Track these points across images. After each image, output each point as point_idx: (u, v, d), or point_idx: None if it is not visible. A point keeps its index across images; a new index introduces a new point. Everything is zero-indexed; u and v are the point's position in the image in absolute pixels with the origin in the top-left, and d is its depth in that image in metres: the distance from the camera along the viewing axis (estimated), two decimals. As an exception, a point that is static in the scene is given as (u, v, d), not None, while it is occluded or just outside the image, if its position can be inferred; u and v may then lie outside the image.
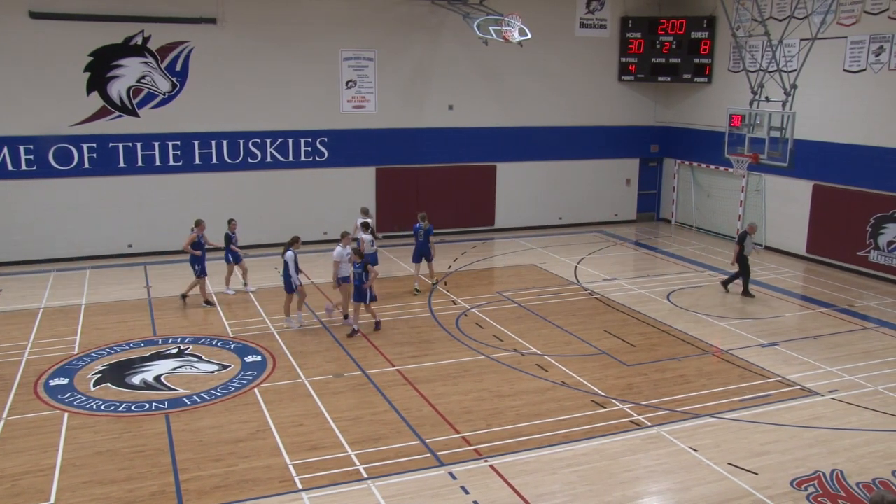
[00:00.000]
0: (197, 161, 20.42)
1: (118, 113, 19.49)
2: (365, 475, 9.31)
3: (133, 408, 11.15)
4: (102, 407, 11.16)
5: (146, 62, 19.46)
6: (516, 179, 23.96)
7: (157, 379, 12.21)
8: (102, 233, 19.92)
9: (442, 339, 14.19)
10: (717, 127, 22.02)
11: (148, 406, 11.22)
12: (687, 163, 24.83)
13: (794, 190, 20.90)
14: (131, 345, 13.75)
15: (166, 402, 11.33)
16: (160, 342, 13.90)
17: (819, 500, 8.90)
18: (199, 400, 11.44)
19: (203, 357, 13.17)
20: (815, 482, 9.26)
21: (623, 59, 24.38)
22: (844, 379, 12.47)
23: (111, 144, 19.56)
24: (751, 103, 16.54)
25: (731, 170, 21.08)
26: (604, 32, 24.07)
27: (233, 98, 20.42)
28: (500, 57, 22.65)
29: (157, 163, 20.07)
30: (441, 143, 22.85)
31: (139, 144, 19.80)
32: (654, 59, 23.96)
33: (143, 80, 19.53)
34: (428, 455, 9.81)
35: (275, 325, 14.77)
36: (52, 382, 12.01)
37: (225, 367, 12.72)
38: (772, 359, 13.30)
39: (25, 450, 9.88)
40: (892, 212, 18.31)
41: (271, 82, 20.72)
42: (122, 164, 19.75)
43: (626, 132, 25.15)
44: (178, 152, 20.19)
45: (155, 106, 19.78)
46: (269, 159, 21.13)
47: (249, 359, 13.08)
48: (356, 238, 15.86)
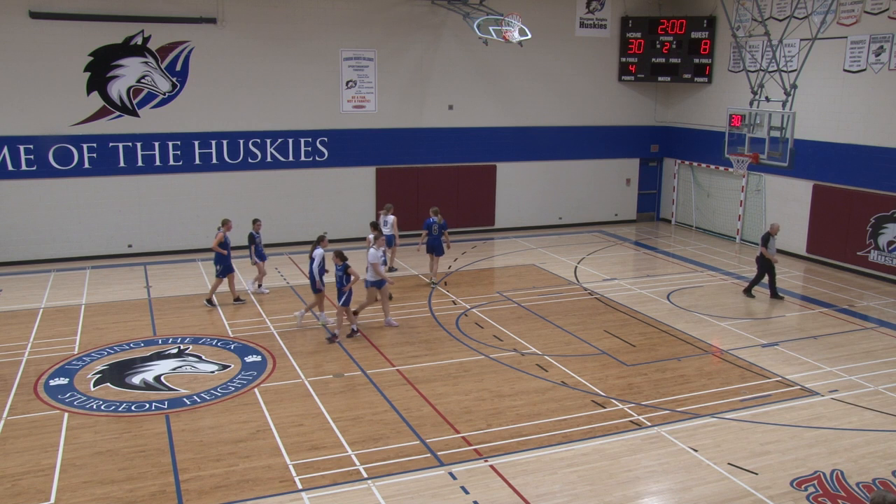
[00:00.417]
0: (197, 161, 20.43)
1: (118, 113, 19.49)
2: (365, 475, 9.32)
3: (133, 408, 11.15)
4: (102, 407, 11.16)
5: (146, 62, 19.46)
6: (516, 179, 23.97)
7: (158, 379, 12.21)
8: (102, 233, 19.92)
9: (442, 339, 14.19)
10: (717, 127, 22.05)
11: (148, 406, 11.22)
12: (687, 163, 24.84)
13: (794, 190, 20.91)
14: (131, 345, 13.75)
15: (166, 402, 11.33)
16: (160, 342, 13.90)
17: (819, 500, 8.90)
18: (199, 400, 11.44)
19: (203, 357, 13.17)
20: (815, 482, 9.26)
21: (623, 59, 24.39)
22: (844, 379, 12.48)
23: (111, 144, 19.56)
24: (751, 103, 16.53)
25: (731, 170, 21.11)
26: (604, 32, 24.08)
27: (233, 98, 20.43)
28: (500, 57, 22.66)
29: (157, 163, 20.07)
30: (441, 143, 22.85)
31: (139, 144, 19.81)
32: (654, 59, 23.97)
33: (143, 80, 19.54)
34: (428, 455, 9.81)
35: (275, 326, 14.77)
36: (52, 382, 12.01)
37: (225, 367, 12.73)
38: (772, 359, 13.30)
39: (25, 450, 9.88)
40: (892, 212, 18.31)
41: (271, 82, 20.72)
42: (122, 164, 19.75)
43: (626, 132, 25.15)
44: (178, 152, 20.19)
45: (155, 106, 19.79)
46: (269, 159, 21.13)
47: (249, 359, 13.09)
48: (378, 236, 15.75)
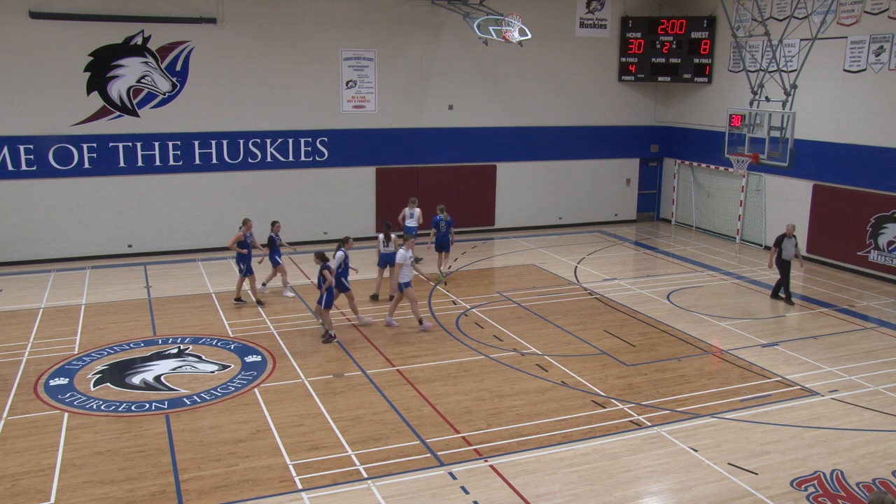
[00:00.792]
0: (197, 161, 20.43)
1: (118, 113, 19.49)
2: (365, 475, 9.32)
3: (133, 408, 11.15)
4: (102, 407, 11.16)
5: (146, 62, 19.47)
6: (516, 179, 23.97)
7: (158, 379, 12.21)
8: (102, 233, 19.92)
9: (442, 338, 14.19)
10: (717, 127, 22.06)
11: (148, 406, 11.22)
12: (687, 163, 24.84)
13: (794, 190, 20.91)
14: (131, 345, 13.75)
15: (166, 402, 11.33)
16: (160, 342, 13.90)
17: (819, 500, 8.90)
18: (199, 400, 11.44)
19: (203, 357, 13.17)
20: (815, 482, 9.26)
21: (623, 59, 24.39)
22: (844, 379, 12.48)
23: (111, 144, 19.56)
24: (751, 103, 16.53)
25: (731, 170, 21.11)
26: (604, 32, 24.08)
27: (233, 98, 20.43)
28: (500, 57, 22.67)
29: (157, 163, 20.08)
30: (441, 143, 22.85)
31: (139, 144, 19.81)
32: (654, 59, 23.97)
33: (143, 80, 19.54)
34: (428, 455, 9.81)
35: (275, 326, 14.77)
36: (52, 382, 12.01)
37: (225, 367, 12.73)
38: (772, 359, 13.30)
39: (25, 450, 9.88)
40: (892, 212, 18.31)
41: (271, 82, 20.73)
42: (122, 164, 19.75)
43: (626, 132, 25.16)
44: (178, 152, 20.19)
45: (155, 106, 19.79)
46: (269, 159, 21.13)
47: (249, 359, 13.09)
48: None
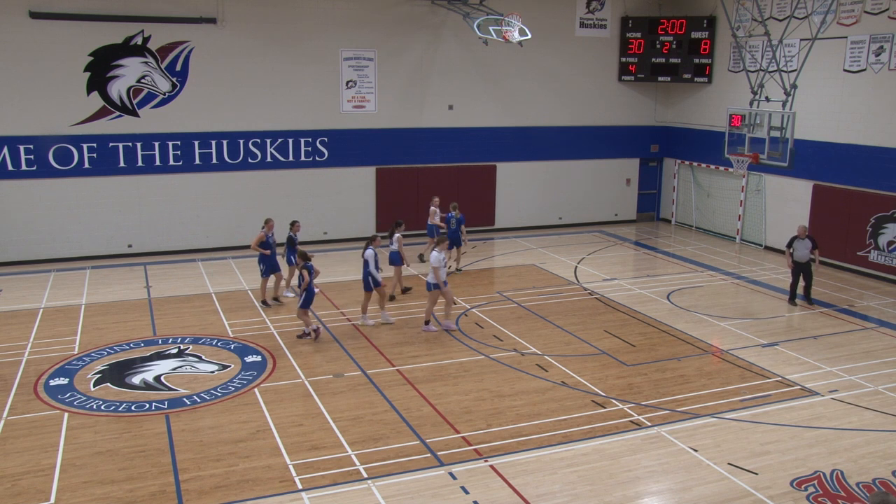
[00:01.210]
0: (197, 161, 20.43)
1: (118, 113, 19.49)
2: (365, 475, 9.32)
3: (133, 408, 11.15)
4: (102, 407, 11.16)
5: (146, 62, 19.46)
6: (516, 179, 23.97)
7: (158, 379, 12.21)
8: (102, 233, 19.92)
9: (442, 338, 14.19)
10: (717, 127, 22.05)
11: (148, 406, 11.22)
12: (687, 163, 24.84)
13: (794, 190, 20.91)
14: (131, 345, 13.75)
15: (166, 402, 11.33)
16: (160, 342, 13.90)
17: (819, 500, 8.90)
18: (199, 400, 11.44)
19: (203, 357, 13.17)
20: (815, 482, 9.26)
21: (623, 59, 24.39)
22: (844, 379, 12.48)
23: (111, 144, 19.56)
24: (751, 103, 16.53)
25: (731, 170, 21.11)
26: (604, 32, 24.08)
27: (233, 98, 20.43)
28: (500, 57, 22.66)
29: (157, 163, 20.07)
30: (441, 143, 22.84)
31: (139, 144, 19.81)
32: (654, 59, 23.97)
33: (143, 80, 19.54)
34: (428, 455, 9.81)
35: (275, 326, 14.77)
36: (52, 382, 12.01)
37: (225, 367, 12.72)
38: (772, 359, 13.30)
39: (25, 450, 9.88)
40: (892, 212, 18.31)
41: (271, 82, 20.73)
42: (122, 164, 19.75)
43: (626, 132, 25.16)
44: (178, 152, 20.19)
45: (155, 106, 19.79)
46: (269, 159, 21.13)
47: (249, 359, 13.09)
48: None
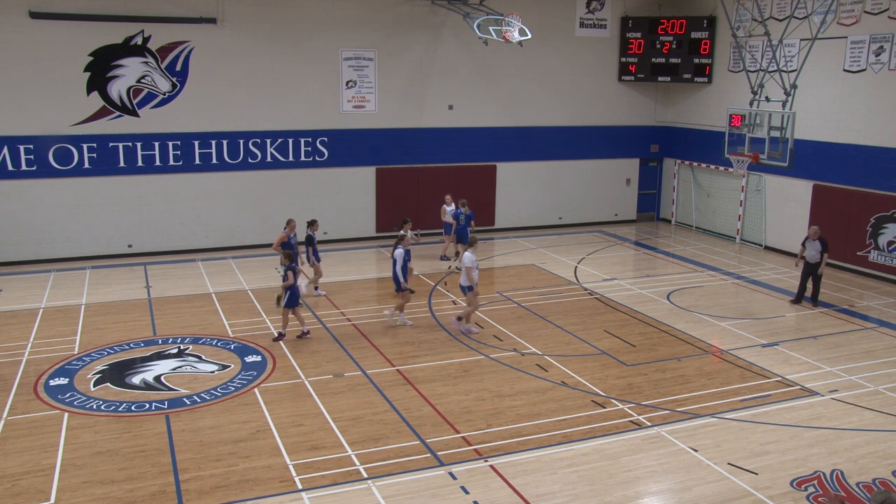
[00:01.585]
0: (197, 161, 20.43)
1: (118, 113, 19.49)
2: (365, 475, 9.32)
3: (133, 408, 11.15)
4: (102, 407, 11.16)
5: (146, 62, 19.46)
6: (516, 179, 23.97)
7: (157, 379, 12.21)
8: (102, 233, 19.92)
9: (442, 339, 14.19)
10: (717, 127, 22.06)
11: (148, 406, 11.22)
12: (687, 163, 24.84)
13: (794, 190, 20.91)
14: (131, 345, 13.75)
15: (166, 402, 11.33)
16: (160, 342, 13.90)
17: (819, 500, 8.90)
18: (199, 400, 11.44)
19: (203, 357, 13.17)
20: (815, 482, 9.26)
21: (623, 59, 24.39)
22: (844, 379, 12.48)
23: (111, 144, 19.56)
24: (751, 103, 16.53)
25: (731, 170, 21.11)
26: (604, 32, 24.08)
27: (233, 98, 20.43)
28: (500, 57, 22.66)
29: (157, 163, 20.07)
30: (441, 143, 22.84)
31: (139, 144, 19.81)
32: (654, 59, 23.97)
33: (143, 80, 19.54)
34: (428, 455, 9.82)
35: (275, 326, 14.76)
36: (52, 382, 12.01)
37: (225, 367, 12.72)
38: (772, 359, 13.30)
39: (25, 450, 9.88)
40: (892, 212, 18.31)
41: (271, 82, 20.72)
42: (122, 164, 19.75)
43: (626, 132, 25.16)
44: (178, 152, 20.19)
45: (155, 106, 19.79)
46: (269, 159, 21.13)
47: (249, 359, 13.09)
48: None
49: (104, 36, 18.97)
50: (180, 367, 12.73)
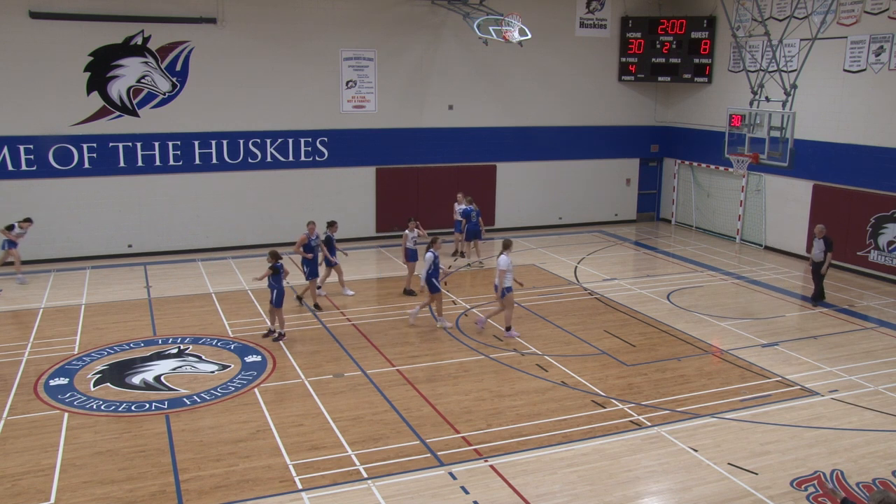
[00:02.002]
0: (197, 161, 20.43)
1: (118, 113, 19.49)
2: (365, 475, 9.32)
3: (133, 408, 11.15)
4: (102, 407, 11.16)
5: (146, 62, 19.46)
6: (516, 179, 23.97)
7: (157, 379, 12.21)
8: (102, 233, 19.92)
9: (442, 339, 14.19)
10: (717, 127, 22.05)
11: (148, 406, 11.22)
12: (687, 163, 24.84)
13: (794, 190, 20.91)
14: (131, 345, 13.75)
15: (166, 402, 11.33)
16: (160, 342, 13.90)
17: (819, 500, 8.90)
18: (199, 400, 11.44)
19: (203, 357, 13.17)
20: (815, 482, 9.26)
21: (623, 59, 24.39)
22: (844, 379, 12.48)
23: (111, 144, 19.56)
24: (751, 103, 16.53)
25: (731, 170, 21.11)
26: (604, 32, 24.08)
27: (233, 98, 20.43)
28: (500, 57, 22.66)
29: (157, 163, 20.07)
30: (441, 143, 22.84)
31: (139, 144, 19.81)
32: (654, 59, 23.97)
33: (143, 80, 19.54)
34: (428, 455, 9.81)
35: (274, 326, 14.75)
36: (52, 382, 12.01)
37: (225, 367, 12.73)
38: (772, 359, 13.30)
39: (25, 450, 9.88)
40: (892, 212, 18.31)
41: (271, 82, 20.72)
42: (122, 164, 19.75)
43: (626, 132, 25.16)
44: (178, 152, 20.19)
45: (155, 106, 19.79)
46: (269, 159, 21.13)
47: (249, 359, 13.09)
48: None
49: (104, 36, 18.97)
50: (180, 367, 12.73)
